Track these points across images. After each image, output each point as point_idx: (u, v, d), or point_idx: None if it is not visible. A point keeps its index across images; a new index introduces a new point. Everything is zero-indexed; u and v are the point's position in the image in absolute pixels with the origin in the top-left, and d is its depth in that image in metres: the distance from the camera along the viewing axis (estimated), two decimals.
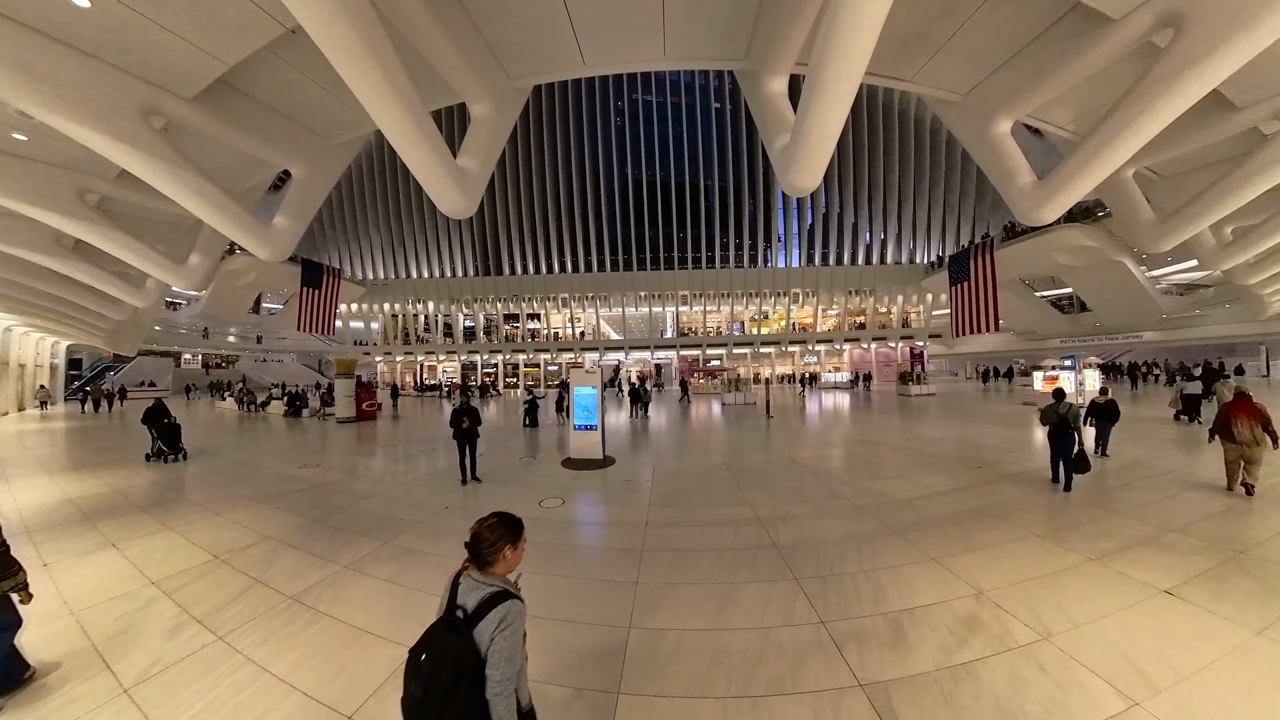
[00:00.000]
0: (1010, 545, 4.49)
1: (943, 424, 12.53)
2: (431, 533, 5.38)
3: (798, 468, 7.75)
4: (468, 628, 1.51)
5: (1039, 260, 25.10)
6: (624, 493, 6.59)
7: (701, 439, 11.25)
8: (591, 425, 8.20)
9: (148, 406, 9.63)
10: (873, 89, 36.84)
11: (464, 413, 7.27)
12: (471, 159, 5.64)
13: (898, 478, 6.89)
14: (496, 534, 1.68)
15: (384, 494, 7.06)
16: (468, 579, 1.64)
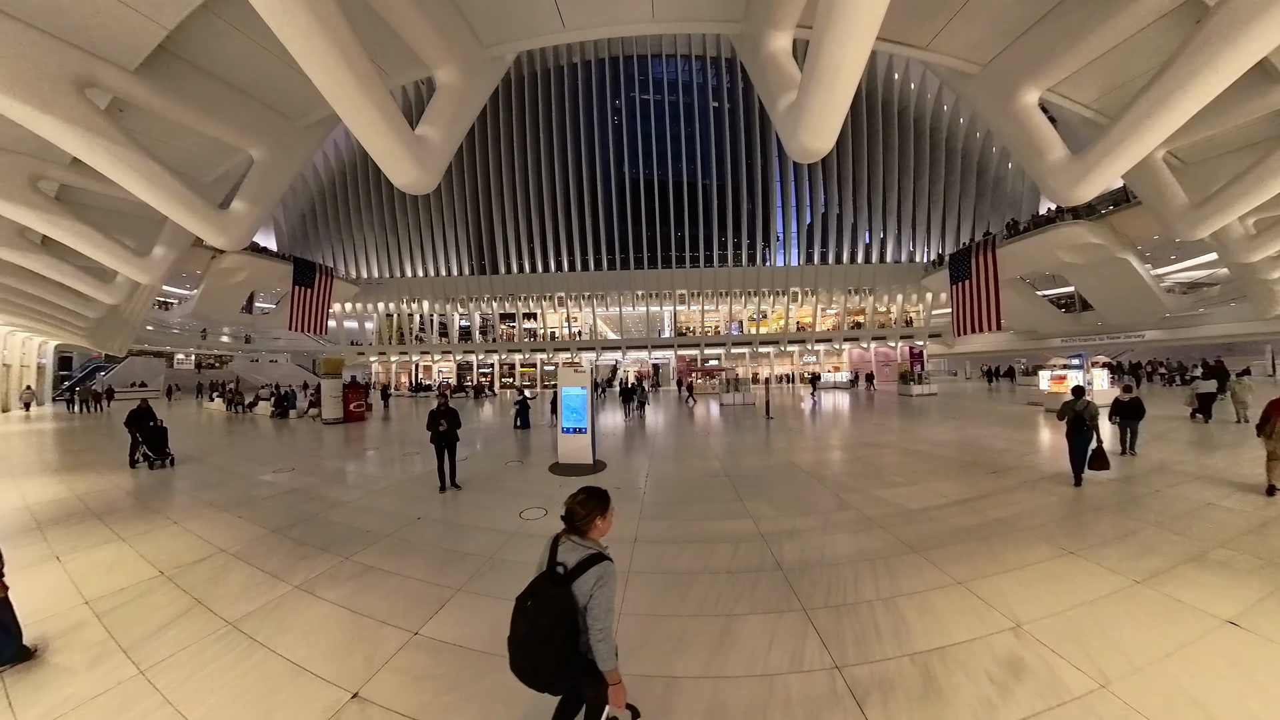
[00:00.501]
0: (1044, 565, 4.00)
1: (948, 425, 12.06)
2: (397, 548, 4.87)
3: (801, 473, 7.26)
4: (567, 582, 1.79)
5: (1042, 258, 24.69)
6: (614, 501, 6.02)
7: (699, 442, 10.75)
8: (581, 428, 7.69)
9: (131, 409, 9.04)
10: (872, 85, 36.43)
11: (441, 415, 6.75)
12: (433, 129, 5.07)
13: (909, 485, 6.39)
14: (587, 508, 1.96)
15: (355, 502, 6.55)
16: (567, 541, 1.93)
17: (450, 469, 6.96)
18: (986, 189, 36.58)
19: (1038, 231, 23.50)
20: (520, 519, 5.47)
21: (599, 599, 1.77)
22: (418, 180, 4.78)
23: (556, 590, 1.80)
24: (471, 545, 4.82)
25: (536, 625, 1.77)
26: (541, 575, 1.90)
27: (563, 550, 1.92)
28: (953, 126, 36.65)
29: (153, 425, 8.81)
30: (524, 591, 1.87)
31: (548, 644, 1.76)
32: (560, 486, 6.75)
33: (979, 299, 26.27)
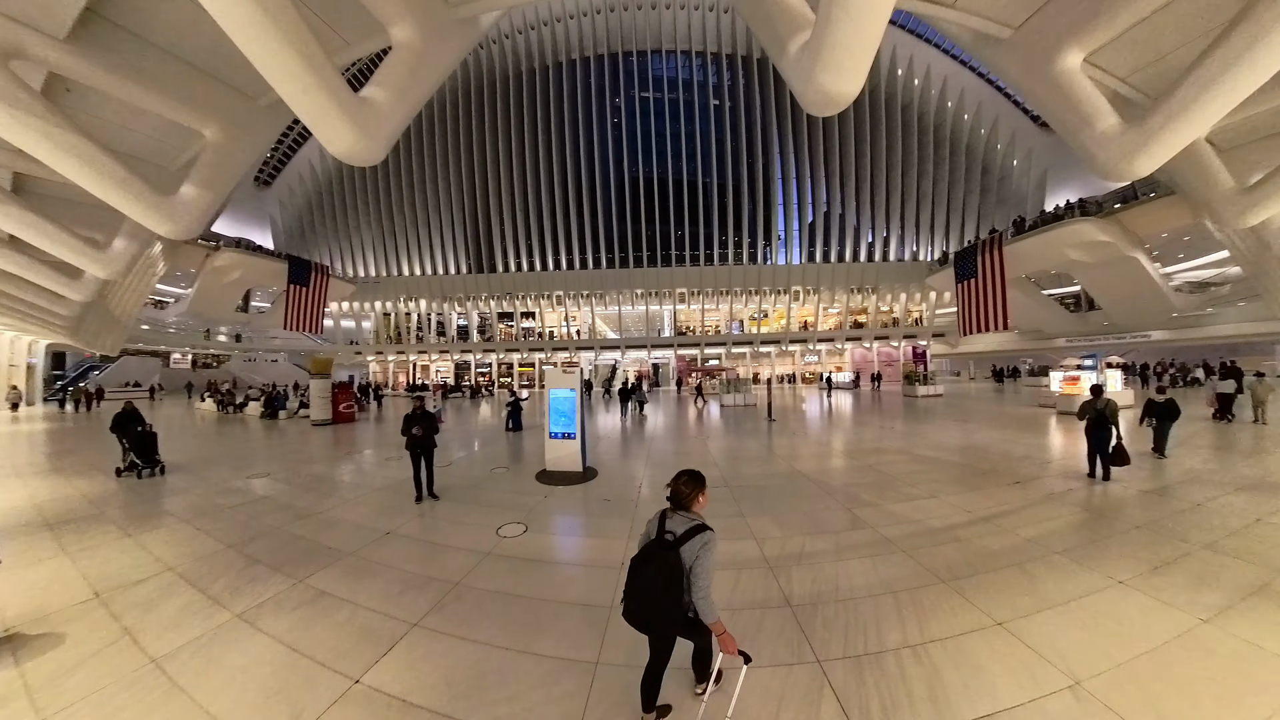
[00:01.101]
0: (1091, 599, 3.46)
1: (958, 429, 11.50)
2: (357, 569, 4.35)
3: (807, 483, 6.71)
4: (676, 546, 2.17)
5: (1050, 256, 24.13)
6: (602, 517, 5.55)
7: (698, 447, 10.17)
8: (570, 433, 7.15)
9: (117, 412, 8.32)
10: (874, 81, 35.86)
11: (416, 419, 6.22)
12: (382, 92, 4.48)
13: (927, 497, 5.85)
14: (690, 487, 2.27)
15: (325, 513, 6.03)
16: (675, 515, 2.28)
17: (427, 478, 6.44)
18: (991, 186, 36.04)
19: (1046, 229, 22.95)
20: (497, 536, 4.93)
21: (702, 560, 2.11)
22: (356, 147, 4.17)
23: (667, 554, 2.14)
24: (438, 568, 4.29)
25: (652, 583, 2.12)
26: (653, 542, 2.23)
27: (670, 522, 2.25)
28: (956, 123, 36.12)
29: (140, 430, 8.13)
30: (638, 555, 2.23)
31: (661, 599, 2.12)
32: (545, 498, 6.22)
33: (985, 298, 25.72)
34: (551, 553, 4.51)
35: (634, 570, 2.21)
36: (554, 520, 5.43)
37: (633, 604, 2.19)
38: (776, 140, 37.83)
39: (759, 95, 37.95)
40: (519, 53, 39.14)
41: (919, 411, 15.83)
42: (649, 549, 2.23)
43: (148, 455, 8.08)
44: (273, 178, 44.03)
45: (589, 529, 5.28)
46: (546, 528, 5.18)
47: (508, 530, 5.07)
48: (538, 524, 5.25)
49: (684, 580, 2.14)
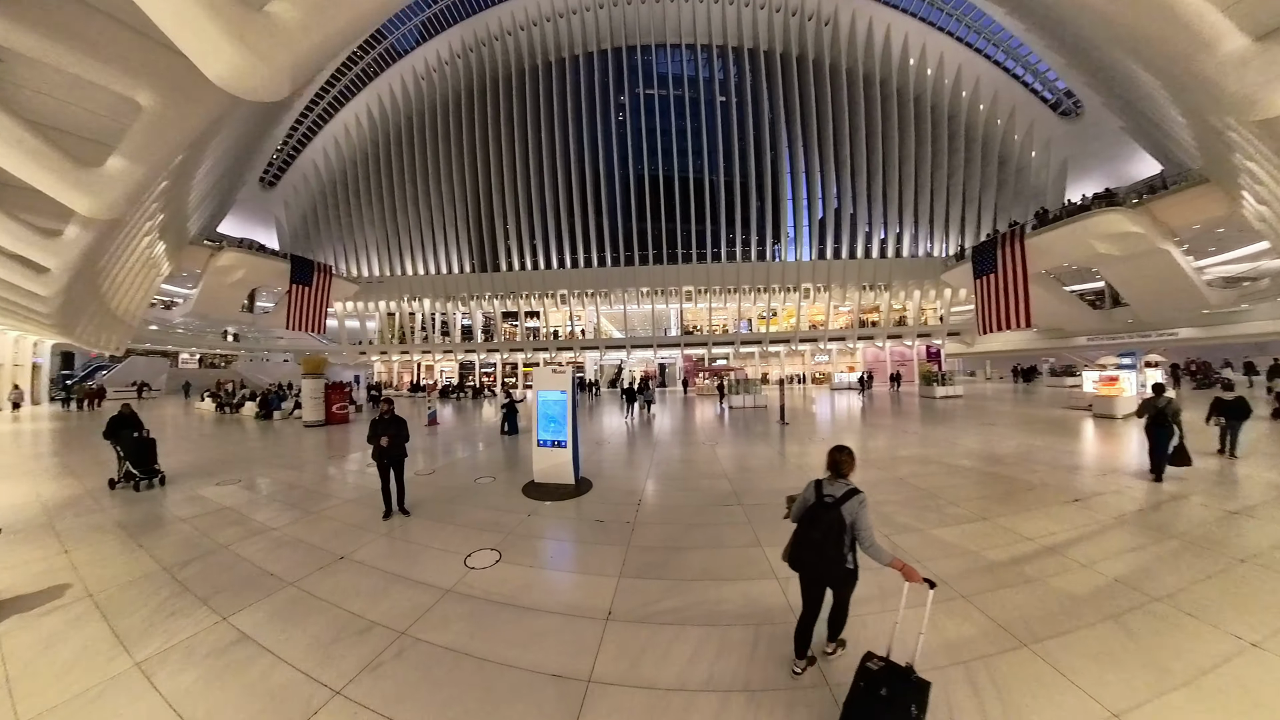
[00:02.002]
0: (1224, 671, 2.61)
1: (989, 434, 10.54)
2: (293, 605, 3.62)
3: None
4: (836, 507, 2.60)
5: (1075, 249, 22.94)
6: (591, 543, 4.74)
7: (705, 453, 9.28)
8: (560, 441, 6.34)
9: (112, 416, 7.46)
10: (886, 71, 34.77)
11: (383, 427, 5.47)
12: (293, 7, 3.63)
13: (976, 519, 4.97)
14: (845, 456, 2.76)
15: (280, 530, 5.33)
16: (832, 482, 2.73)
17: (398, 491, 5.69)
18: (1008, 179, 34.67)
19: (1071, 220, 21.79)
20: (464, 566, 4.14)
21: (861, 516, 2.60)
22: (241, 69, 3.32)
23: (830, 513, 2.61)
24: (386, 608, 3.52)
25: (824, 538, 2.59)
26: (815, 505, 2.69)
27: (829, 487, 2.71)
28: (971, 113, 34.82)
29: (137, 436, 7.31)
30: (805, 516, 2.73)
31: (828, 551, 2.60)
32: (528, 516, 5.42)
33: (1006, 294, 24.61)
34: (524, 593, 3.69)
35: (804, 529, 2.68)
36: (534, 547, 4.63)
37: (808, 556, 2.65)
38: (785, 134, 36.83)
39: (766, 88, 36.98)
40: (522, 49, 38.50)
41: (941, 414, 14.85)
42: (814, 511, 2.65)
43: (145, 464, 7.24)
44: (277, 178, 43.79)
45: (573, 561, 4.47)
46: (523, 557, 4.38)
47: (478, 559, 4.28)
48: (514, 551, 4.45)
49: (845, 536, 2.57)
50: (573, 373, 6.43)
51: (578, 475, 6.56)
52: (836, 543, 2.57)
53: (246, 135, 28.67)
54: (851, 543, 2.60)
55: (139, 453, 7.20)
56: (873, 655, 2.38)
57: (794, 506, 2.87)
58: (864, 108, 35.24)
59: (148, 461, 7.30)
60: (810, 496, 2.73)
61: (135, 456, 7.15)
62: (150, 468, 7.33)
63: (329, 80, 38.67)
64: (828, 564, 2.61)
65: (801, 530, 2.72)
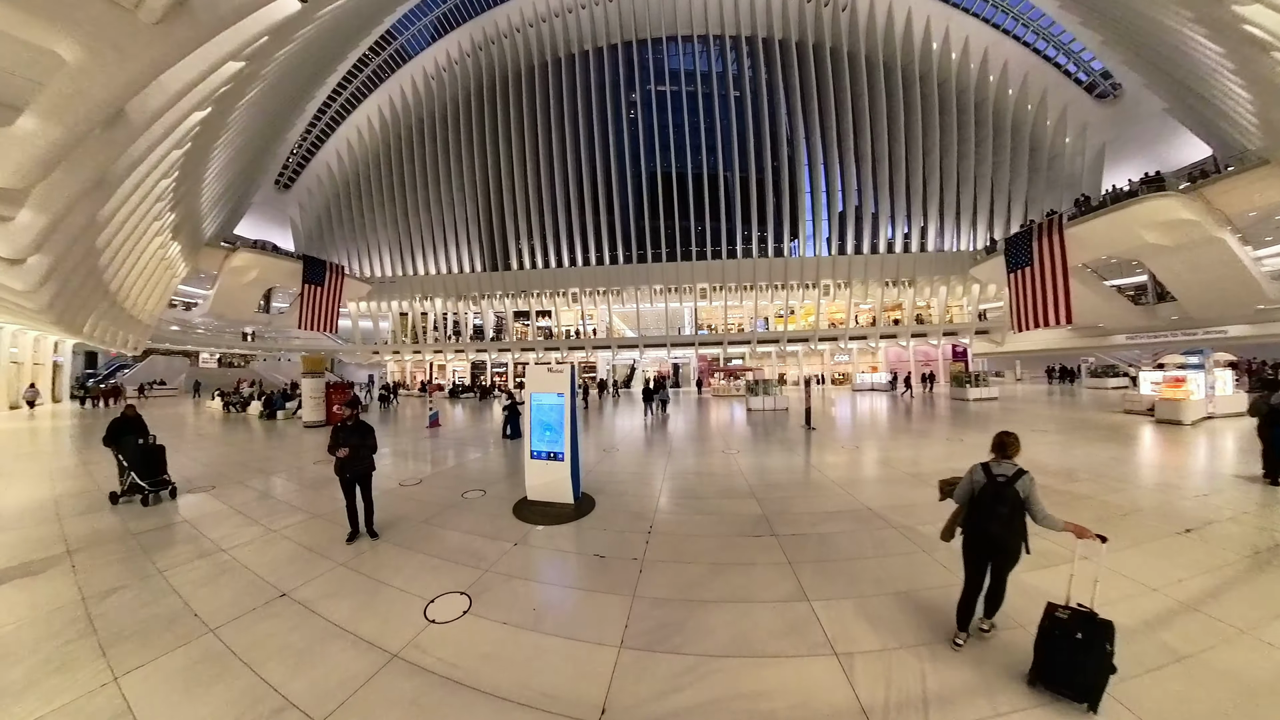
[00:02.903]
0: None
1: (1047, 443, 9.33)
2: (202, 663, 2.87)
3: (887, 530, 4.80)
4: (1010, 485, 2.81)
5: (1120, 239, 21.32)
6: (587, 590, 3.80)
7: (726, 465, 8.20)
8: (557, 453, 5.44)
9: (112, 419, 6.65)
10: (908, 56, 33.27)
11: (344, 435, 4.66)
12: None
13: (1083, 559, 3.95)
14: (1011, 439, 2.95)
15: (231, 552, 4.62)
16: (995, 463, 2.94)
17: (365, 510, 4.88)
18: (1040, 167, 32.82)
19: (1117, 207, 20.21)
20: (423, 618, 3.28)
21: (1033, 492, 2.80)
22: None
23: (1006, 490, 2.81)
24: (310, 681, 2.69)
25: (1013, 512, 2.79)
26: (991, 483, 2.87)
27: (995, 467, 2.91)
28: (1000, 99, 33.05)
29: (142, 443, 6.50)
30: (981, 495, 2.89)
31: (1010, 524, 2.80)
32: (515, 545, 4.52)
33: (1043, 288, 23.07)
34: (489, 667, 2.78)
35: (983, 506, 2.88)
36: (514, 592, 3.71)
37: (995, 530, 2.82)
38: (803, 126, 35.54)
39: (782, 79, 35.75)
40: (531, 46, 37.95)
41: (979, 419, 13.62)
42: (992, 489, 2.86)
43: (153, 474, 6.43)
44: (293, 180, 44.13)
45: (561, 616, 3.42)
46: (499, 605, 3.46)
47: (442, 607, 3.40)
48: (488, 597, 3.57)
49: (1022, 509, 2.82)
50: (573, 372, 5.54)
51: (577, 493, 5.61)
52: (1020, 517, 2.80)
53: (259, 137, 28.61)
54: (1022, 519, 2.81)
55: (145, 462, 6.40)
56: (1056, 605, 2.61)
57: (958, 488, 3.07)
58: (884, 96, 33.80)
59: (156, 471, 6.48)
60: (980, 478, 2.92)
61: (142, 466, 6.33)
62: (159, 478, 6.48)
63: (341, 82, 38.71)
64: (1012, 536, 2.80)
65: (978, 508, 2.90)
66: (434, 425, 14.09)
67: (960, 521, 3.04)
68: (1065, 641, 2.43)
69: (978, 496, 2.89)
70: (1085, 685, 2.35)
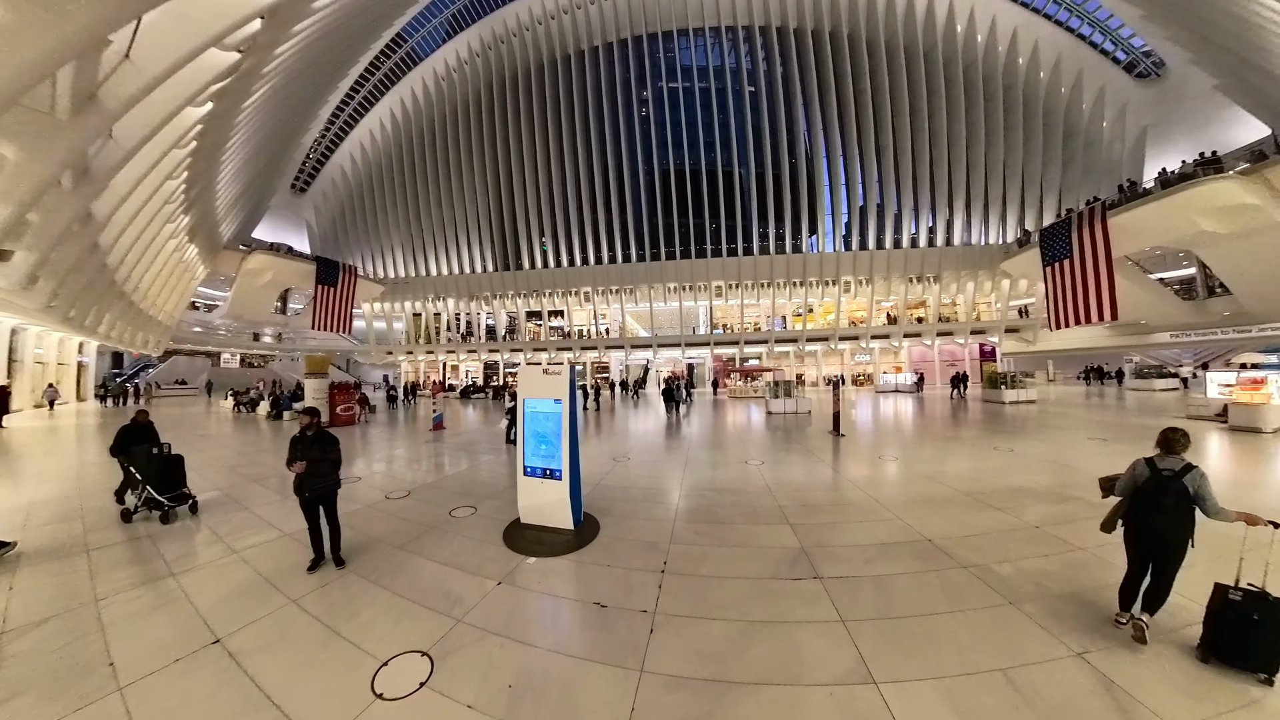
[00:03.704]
0: None
1: (1111, 454, 8.22)
2: None
3: (958, 569, 3.85)
4: (1178, 479, 2.84)
5: (1172, 227, 19.73)
6: (580, 659, 2.86)
7: (752, 479, 7.08)
8: (554, 470, 4.62)
9: (121, 426, 5.99)
10: (930, 40, 31.78)
11: (303, 447, 3.96)
12: None
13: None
14: (1179, 435, 2.97)
15: (180, 578, 4.06)
16: (1159, 458, 2.98)
17: (331, 533, 4.18)
18: (1075, 154, 30.97)
19: (1169, 192, 18.65)
20: (369, 691, 2.51)
21: (1203, 485, 2.81)
22: None
23: (1173, 484, 2.84)
24: None
25: (1179, 505, 2.82)
26: (1152, 478, 2.93)
27: (1161, 462, 2.95)
28: (1030, 82, 31.30)
29: (157, 453, 5.80)
30: (1145, 489, 2.95)
31: (1178, 514, 2.83)
32: (497, 586, 3.72)
33: (1084, 282, 21.55)
34: None
35: (1148, 500, 2.91)
36: (488, 656, 2.86)
37: (1163, 523, 2.84)
38: (820, 117, 34.27)
39: (798, 70, 34.52)
40: (540, 44, 37.47)
41: (1023, 425, 12.44)
42: (1157, 484, 2.90)
43: (171, 486, 5.74)
44: (308, 183, 44.55)
45: (545, 700, 2.49)
46: (464, 678, 2.65)
47: (396, 674, 2.64)
48: (455, 662, 2.80)
49: (1193, 504, 2.84)
50: (572, 373, 4.74)
51: (578, 516, 4.76)
52: (1188, 510, 2.83)
53: (272, 140, 28.65)
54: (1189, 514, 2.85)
55: (162, 473, 5.70)
56: (1226, 586, 2.73)
57: (1120, 482, 3.14)
58: (906, 84, 32.34)
59: (174, 483, 5.80)
60: (1144, 472, 2.98)
61: (158, 478, 5.63)
62: (179, 491, 5.80)
63: (354, 85, 38.85)
64: (1175, 528, 2.83)
65: (1141, 501, 2.96)
66: (437, 428, 13.49)
67: (1122, 514, 3.08)
68: (1240, 620, 2.55)
69: (1140, 489, 2.95)
70: (1263, 659, 2.48)
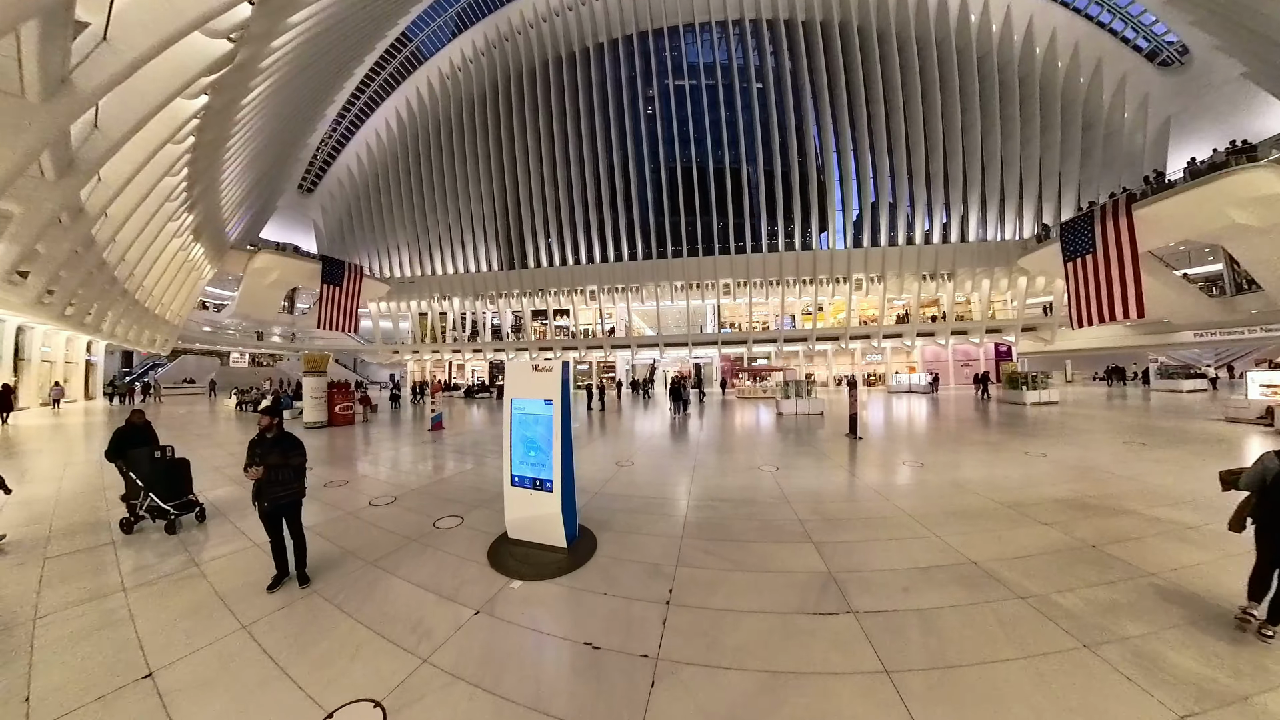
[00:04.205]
0: None
1: (1154, 459, 7.58)
2: None
3: (1014, 600, 3.26)
4: None
5: (1202, 219, 18.85)
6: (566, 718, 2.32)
7: (767, 488, 6.35)
8: (544, 481, 4.10)
9: (117, 429, 5.43)
10: (943, 31, 30.93)
11: (261, 450, 3.52)
12: None
13: None
14: None
15: (123, 598, 3.61)
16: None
17: (295, 548, 3.72)
18: (1094, 146, 29.95)
19: (1200, 182, 17.80)
20: None
21: None
22: None
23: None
24: None
25: None
26: (1271, 454, 2.89)
27: None
28: (1048, 72, 30.33)
29: (160, 457, 5.35)
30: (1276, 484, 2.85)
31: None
32: (475, 616, 3.20)
33: (1108, 278, 20.70)
34: None
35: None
36: (454, 709, 2.36)
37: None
38: (829, 111, 33.48)
39: (808, 63, 33.82)
40: (545, 41, 37.09)
41: (1050, 428, 11.75)
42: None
43: (177, 493, 5.25)
44: (315, 184, 44.63)
45: None
46: None
47: None
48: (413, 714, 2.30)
49: None
50: (565, 371, 4.24)
51: (572, 532, 4.21)
52: None
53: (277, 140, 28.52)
54: None
55: (167, 480, 5.20)
56: None
57: (1247, 476, 2.99)
58: (919, 76, 31.53)
59: (180, 489, 5.31)
60: (1273, 464, 2.85)
61: (163, 485, 5.13)
62: (185, 499, 5.31)
63: (360, 85, 38.79)
64: None
65: (1271, 495, 2.83)
66: (437, 429, 13.08)
67: (1251, 511, 2.97)
68: None
69: (1270, 485, 2.84)
70: None
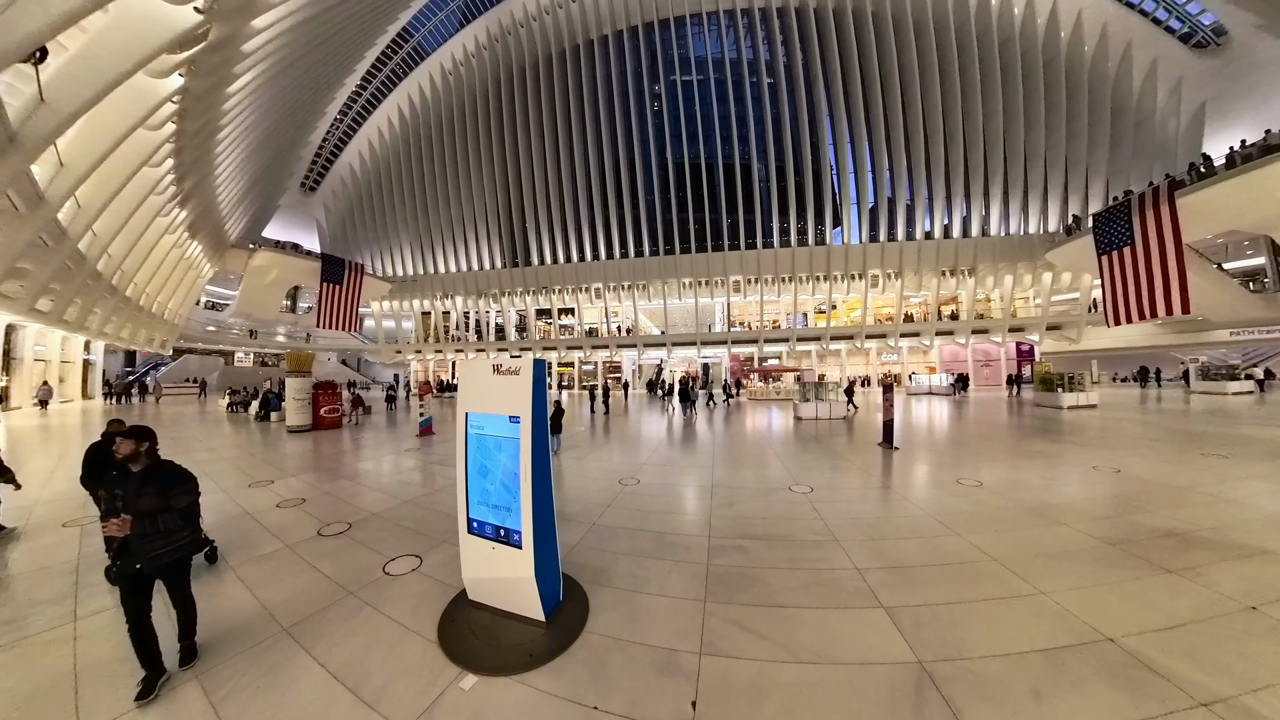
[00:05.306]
0: None
1: (1247, 475, 6.40)
2: None
3: (1194, 709, 2.15)
4: None
5: (1250, 207, 17.46)
6: None
7: (804, 518, 5.07)
8: (509, 532, 2.97)
9: (92, 444, 4.14)
10: (962, 15, 29.52)
11: (128, 490, 2.49)
12: None
13: None
14: None
15: None
16: None
17: (180, 622, 2.68)
18: (1124, 134, 28.34)
19: (1248, 168, 16.37)
20: None
21: None
22: None
23: None
24: None
25: None
26: None
27: None
28: (1074, 57, 28.81)
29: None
30: None
31: None
32: None
33: (1149, 272, 19.30)
34: None
35: None
36: None
37: None
38: (843, 102, 32.18)
39: (819, 52, 32.58)
40: (548, 34, 36.17)
41: (1102, 435, 10.51)
42: None
43: None
44: (318, 182, 44.17)
45: None
46: None
47: None
48: None
49: None
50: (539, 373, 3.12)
51: (553, 597, 3.06)
52: None
53: (276, 135, 27.84)
54: None
55: None
56: None
57: None
58: (936, 63, 30.15)
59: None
60: None
61: None
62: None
63: (361, 82, 38.20)
64: None
65: None
66: (425, 433, 12.10)
67: None
68: None
69: None
70: None
